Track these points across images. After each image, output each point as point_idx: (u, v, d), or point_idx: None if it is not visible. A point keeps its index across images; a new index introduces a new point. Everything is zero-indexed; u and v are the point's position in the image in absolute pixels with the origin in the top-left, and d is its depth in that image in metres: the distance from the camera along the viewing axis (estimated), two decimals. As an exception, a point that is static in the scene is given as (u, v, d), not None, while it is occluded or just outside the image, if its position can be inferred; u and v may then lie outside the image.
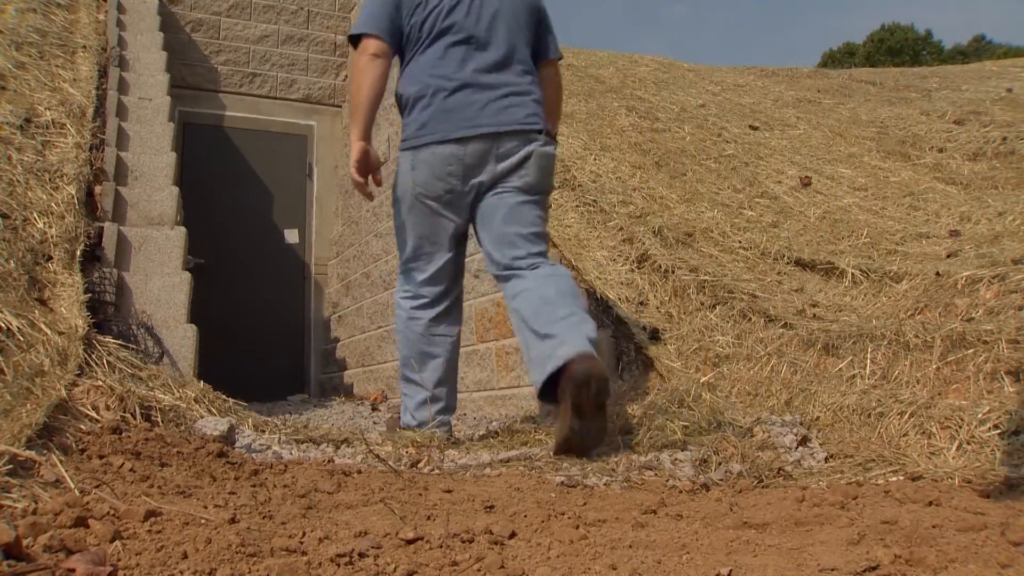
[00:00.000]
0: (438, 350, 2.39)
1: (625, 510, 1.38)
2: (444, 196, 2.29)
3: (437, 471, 1.97)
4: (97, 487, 1.29)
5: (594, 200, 3.82)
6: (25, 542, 0.93)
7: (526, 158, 2.28)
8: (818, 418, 2.15)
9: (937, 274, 2.78)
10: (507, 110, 2.28)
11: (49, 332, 2.23)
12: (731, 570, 0.95)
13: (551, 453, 2.04)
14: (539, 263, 2.26)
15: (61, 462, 1.38)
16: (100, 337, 2.42)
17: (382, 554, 1.02)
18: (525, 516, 1.31)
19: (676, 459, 1.96)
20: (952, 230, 3.53)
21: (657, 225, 3.51)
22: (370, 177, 2.35)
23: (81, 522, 1.03)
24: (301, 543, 1.05)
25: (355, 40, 2.35)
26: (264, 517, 1.27)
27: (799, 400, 2.29)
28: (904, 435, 1.88)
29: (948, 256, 3.12)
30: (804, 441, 2.03)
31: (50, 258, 2.78)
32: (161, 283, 3.04)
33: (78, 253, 2.86)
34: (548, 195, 2.39)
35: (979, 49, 28.20)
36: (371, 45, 2.31)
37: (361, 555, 0.99)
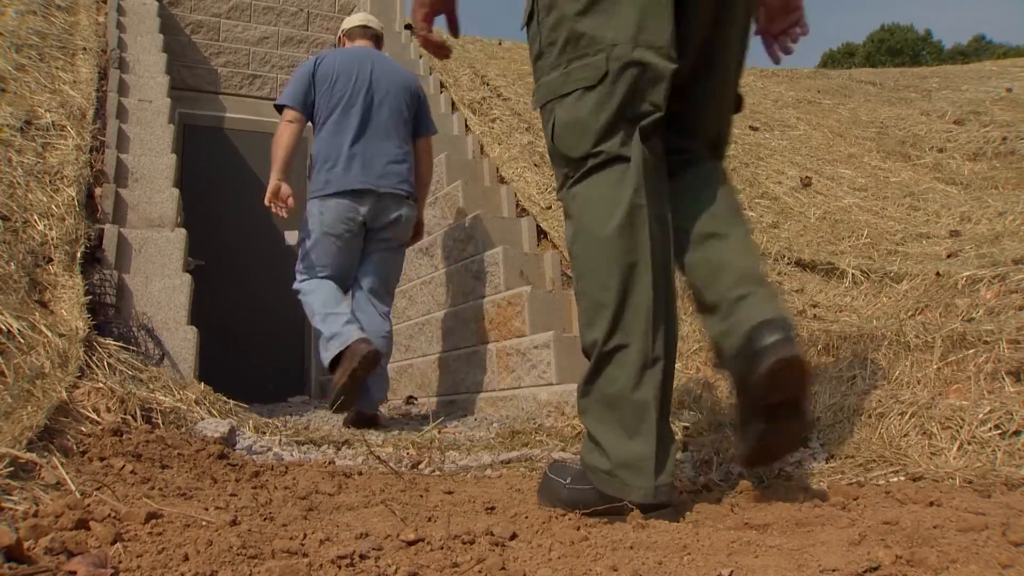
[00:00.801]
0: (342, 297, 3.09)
1: (626, 511, 1.38)
2: (344, 235, 3.08)
3: (438, 472, 1.97)
4: (98, 489, 1.29)
5: (594, 201, 3.82)
6: (26, 544, 0.93)
7: (399, 218, 3.16)
8: (819, 418, 2.15)
9: (937, 274, 2.78)
10: (387, 176, 3.13)
11: (50, 334, 2.23)
12: (732, 571, 0.95)
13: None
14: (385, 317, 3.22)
15: (62, 464, 1.38)
16: (101, 339, 2.42)
17: (383, 556, 1.02)
18: (526, 517, 1.31)
19: (677, 460, 1.96)
20: (952, 230, 3.53)
21: (657, 226, 3.51)
22: (284, 203, 3.06)
23: (82, 524, 1.03)
24: (302, 545, 1.05)
25: (279, 108, 3.21)
26: (265, 519, 1.27)
27: (800, 401, 2.29)
28: (905, 435, 1.88)
29: (948, 256, 3.12)
30: (805, 442, 2.02)
31: (50, 260, 2.78)
32: (161, 285, 3.04)
33: (78, 255, 2.86)
34: (406, 246, 3.35)
35: (979, 49, 28.22)
36: (288, 114, 3.17)
37: (362, 557, 0.99)
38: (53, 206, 3.02)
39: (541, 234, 3.82)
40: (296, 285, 3.14)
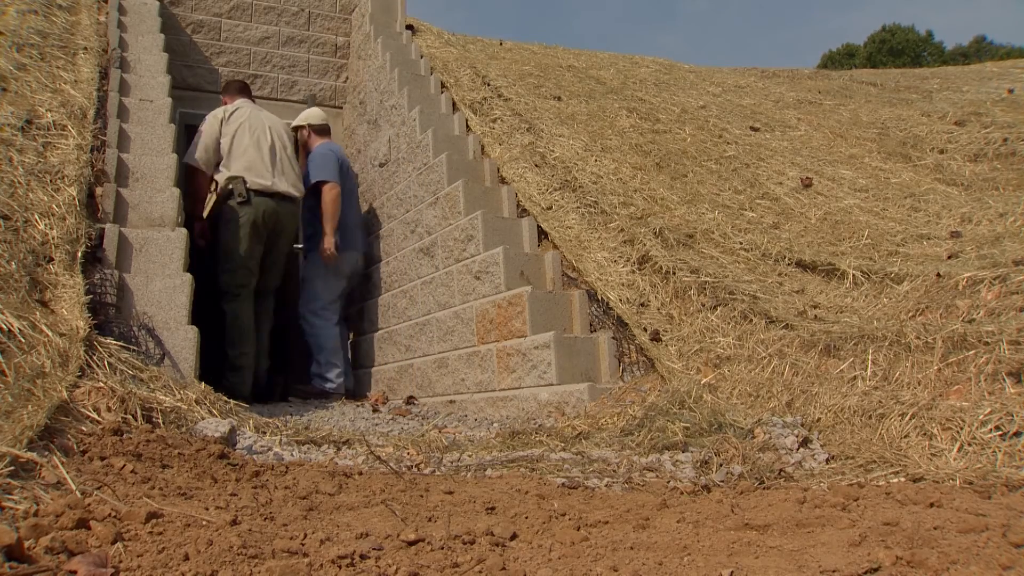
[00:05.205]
0: None
1: (626, 511, 1.38)
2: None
3: (438, 472, 1.97)
4: (98, 489, 1.29)
5: (595, 201, 3.82)
6: (27, 544, 0.93)
7: None
8: (819, 419, 2.15)
9: (938, 275, 2.78)
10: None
11: (50, 334, 2.24)
12: (732, 571, 0.95)
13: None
14: None
15: (62, 464, 1.38)
16: (101, 339, 2.42)
17: (383, 556, 1.02)
18: (526, 517, 1.31)
19: (677, 460, 1.96)
20: (953, 231, 3.53)
21: (658, 226, 3.51)
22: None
23: (82, 524, 1.03)
24: (302, 545, 1.05)
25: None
26: (265, 519, 1.27)
27: (800, 401, 2.29)
28: (905, 436, 1.88)
29: (949, 257, 3.12)
30: (805, 442, 2.03)
31: (51, 259, 2.78)
32: (162, 284, 3.04)
33: (79, 254, 2.86)
34: None
35: (980, 50, 28.22)
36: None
37: (363, 557, 1.00)
38: (54, 205, 3.02)
39: (542, 234, 3.82)
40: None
